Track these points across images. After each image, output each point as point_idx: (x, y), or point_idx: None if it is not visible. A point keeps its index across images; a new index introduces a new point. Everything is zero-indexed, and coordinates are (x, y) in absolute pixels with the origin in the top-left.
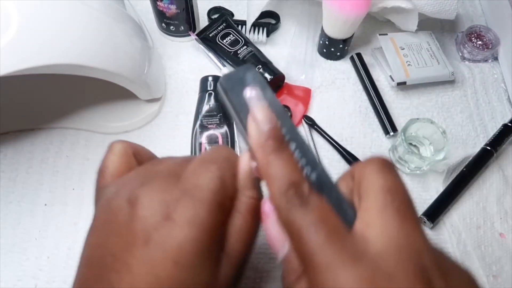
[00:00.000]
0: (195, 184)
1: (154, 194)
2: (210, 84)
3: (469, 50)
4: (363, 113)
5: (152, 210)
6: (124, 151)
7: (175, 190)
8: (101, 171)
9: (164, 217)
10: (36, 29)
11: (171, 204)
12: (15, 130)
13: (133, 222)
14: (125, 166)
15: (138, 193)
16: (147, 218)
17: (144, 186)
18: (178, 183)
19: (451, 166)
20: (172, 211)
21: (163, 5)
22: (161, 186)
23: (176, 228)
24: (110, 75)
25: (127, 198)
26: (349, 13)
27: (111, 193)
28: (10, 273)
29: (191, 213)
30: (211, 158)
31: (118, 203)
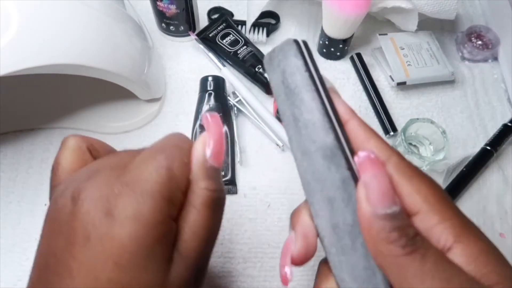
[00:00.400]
0: (137, 175)
1: (95, 189)
2: (210, 84)
3: (469, 50)
4: (363, 113)
5: (92, 206)
6: (78, 146)
7: (117, 184)
8: (53, 169)
9: (104, 213)
10: (36, 29)
11: (112, 199)
12: (15, 130)
13: (74, 219)
14: (78, 162)
15: (81, 188)
16: (86, 214)
17: (88, 180)
18: (121, 175)
19: (451, 166)
20: (112, 206)
21: (163, 5)
22: (104, 179)
23: (116, 225)
24: (110, 75)
25: (71, 195)
26: (349, 13)
27: (59, 190)
28: (10, 273)
29: (132, 208)
30: (159, 146)
31: (63, 200)
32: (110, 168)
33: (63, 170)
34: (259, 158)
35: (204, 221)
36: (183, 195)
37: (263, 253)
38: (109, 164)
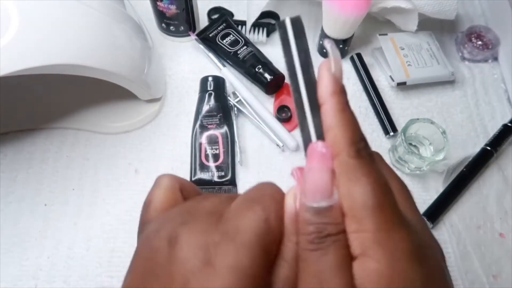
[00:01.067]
0: (237, 226)
1: (194, 235)
2: (210, 84)
3: (469, 50)
4: (363, 113)
5: (191, 253)
6: (171, 185)
7: (215, 232)
8: (145, 205)
9: (203, 262)
10: (36, 29)
11: (212, 248)
12: (15, 130)
13: (172, 264)
14: (170, 201)
15: (178, 232)
16: (186, 261)
17: (185, 225)
18: (219, 223)
19: (451, 166)
20: (212, 255)
21: (163, 5)
22: (202, 226)
23: (216, 275)
24: (110, 75)
25: (167, 237)
26: (349, 13)
27: (152, 229)
28: (10, 273)
29: (232, 259)
30: (255, 196)
31: (158, 242)
32: (205, 214)
33: (155, 208)
34: (259, 158)
35: (294, 275)
36: (277, 247)
37: None
38: (203, 209)
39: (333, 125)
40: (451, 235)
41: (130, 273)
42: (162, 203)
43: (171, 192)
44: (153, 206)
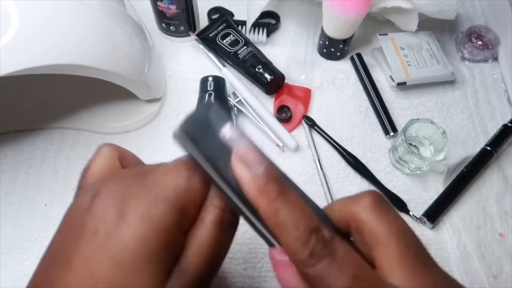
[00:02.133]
0: (156, 180)
1: (114, 188)
2: (210, 84)
3: (469, 50)
4: (363, 113)
5: (106, 203)
6: (109, 154)
7: (135, 185)
8: (83, 172)
9: (117, 210)
10: (36, 29)
11: (127, 198)
12: (15, 130)
13: (88, 214)
14: (107, 169)
15: (101, 187)
16: (100, 210)
17: (109, 181)
18: (142, 178)
19: (451, 166)
20: (126, 205)
21: (163, 5)
22: (125, 181)
23: (125, 223)
24: (110, 75)
25: (92, 194)
26: (349, 13)
27: (83, 191)
28: (10, 273)
29: (143, 209)
30: (184, 159)
31: (83, 198)
32: (133, 173)
33: (92, 174)
34: None
35: (211, 239)
36: (197, 210)
37: (263, 254)
38: (134, 171)
39: (276, 232)
40: (451, 235)
41: (55, 233)
42: (99, 169)
43: (109, 160)
44: (90, 172)
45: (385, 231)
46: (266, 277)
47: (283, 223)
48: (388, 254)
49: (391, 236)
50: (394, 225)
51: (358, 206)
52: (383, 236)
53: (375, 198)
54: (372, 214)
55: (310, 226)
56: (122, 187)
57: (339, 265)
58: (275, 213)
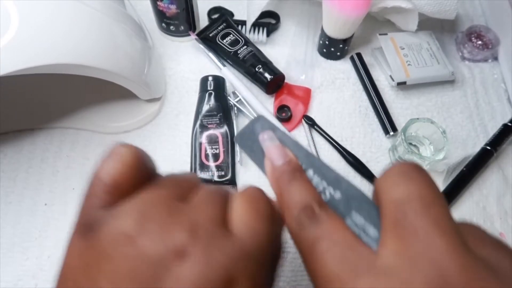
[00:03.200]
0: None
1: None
2: (210, 84)
3: (469, 50)
4: (363, 113)
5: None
6: (136, 161)
7: (239, 252)
8: (100, 182)
9: (223, 282)
10: (36, 29)
11: (235, 272)
12: (15, 130)
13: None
14: (133, 182)
15: (189, 251)
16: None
17: (198, 246)
18: (233, 237)
19: (451, 166)
20: (236, 278)
21: (163, 5)
22: (222, 247)
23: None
24: (110, 75)
25: (174, 249)
26: (349, 13)
27: (134, 225)
28: (11, 273)
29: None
30: (265, 209)
31: (157, 248)
32: (211, 226)
33: (114, 187)
34: None
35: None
36: None
37: None
38: (197, 216)
39: (281, 210)
40: None
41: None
42: (122, 183)
43: (135, 170)
44: (113, 185)
45: (389, 199)
46: None
47: (284, 203)
48: (384, 222)
49: (393, 204)
50: (404, 192)
51: (383, 175)
52: (385, 204)
53: (401, 167)
54: (388, 182)
55: (304, 203)
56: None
57: (317, 227)
58: (280, 197)
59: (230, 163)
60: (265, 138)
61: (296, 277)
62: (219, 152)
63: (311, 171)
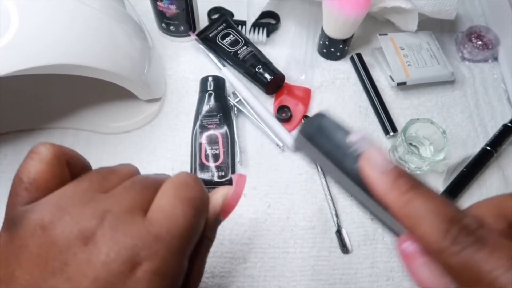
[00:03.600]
0: (155, 219)
1: (122, 244)
2: (210, 84)
3: (469, 50)
4: (363, 113)
5: (115, 256)
6: (57, 159)
7: (146, 235)
8: (21, 181)
9: (127, 264)
10: (36, 29)
11: (140, 253)
12: (15, 130)
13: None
14: (56, 179)
15: (96, 232)
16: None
17: (106, 231)
18: (145, 221)
19: (451, 166)
20: (140, 260)
21: (163, 5)
22: (129, 231)
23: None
24: (110, 75)
25: (81, 236)
26: (349, 13)
27: (53, 218)
28: None
29: (154, 264)
30: (187, 194)
31: (68, 235)
32: (125, 212)
33: (35, 185)
34: (259, 158)
35: (201, 268)
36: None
37: (263, 253)
38: (120, 203)
39: (408, 224)
40: None
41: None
42: (45, 180)
43: (58, 168)
44: (35, 183)
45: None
46: (266, 276)
47: (415, 214)
48: None
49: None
50: None
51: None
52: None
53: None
54: None
55: (449, 215)
56: (132, 240)
57: (491, 250)
58: (405, 206)
59: (230, 164)
60: (359, 139)
61: (296, 277)
62: (219, 152)
63: None
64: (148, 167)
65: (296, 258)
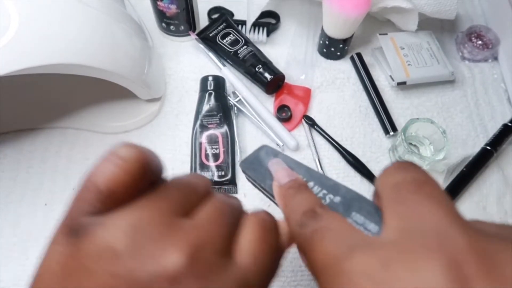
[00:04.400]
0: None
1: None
2: (210, 84)
3: (469, 50)
4: (363, 113)
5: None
6: (140, 167)
7: (238, 283)
8: (94, 187)
9: None
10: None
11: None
12: (15, 130)
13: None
14: (135, 191)
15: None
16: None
17: (195, 272)
18: (235, 265)
19: (451, 166)
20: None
21: (163, 5)
22: (223, 277)
23: None
24: (110, 75)
25: (166, 279)
26: (349, 13)
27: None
28: (10, 273)
29: None
30: (273, 240)
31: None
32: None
33: (114, 197)
34: None
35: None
36: None
37: None
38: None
39: (286, 221)
40: None
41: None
42: (121, 189)
43: (138, 175)
44: (107, 194)
45: (385, 184)
46: None
47: (288, 212)
48: (382, 204)
49: (389, 186)
50: (398, 177)
51: (381, 172)
52: (382, 189)
53: (396, 163)
54: (385, 174)
55: (306, 208)
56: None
57: (316, 222)
58: (285, 208)
59: (230, 163)
60: (273, 163)
61: (296, 277)
62: (219, 152)
63: (311, 183)
64: None
65: (296, 258)
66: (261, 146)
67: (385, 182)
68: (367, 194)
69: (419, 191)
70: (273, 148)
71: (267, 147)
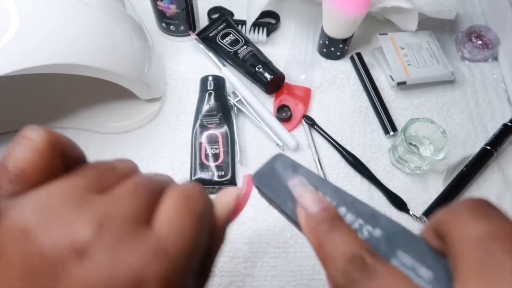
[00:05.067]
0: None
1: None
2: (210, 84)
3: (469, 50)
4: (363, 113)
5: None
6: (51, 148)
7: (153, 249)
8: (6, 170)
9: (131, 284)
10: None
11: (147, 272)
12: (15, 130)
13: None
14: (47, 171)
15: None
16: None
17: (105, 242)
18: (151, 233)
19: (451, 166)
20: (146, 279)
21: (163, 5)
22: (134, 244)
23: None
24: (110, 75)
25: (74, 248)
26: (349, 13)
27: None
28: None
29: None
30: (196, 207)
31: (61, 249)
32: (128, 223)
33: (26, 178)
34: (259, 158)
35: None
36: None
37: (263, 253)
38: (122, 211)
39: (321, 263)
40: None
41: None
42: (34, 171)
43: (50, 158)
44: (21, 173)
45: (468, 237)
46: (266, 276)
47: (325, 255)
48: (465, 265)
49: (474, 242)
50: (484, 229)
51: (451, 213)
52: (465, 243)
53: (471, 204)
54: (462, 220)
55: (351, 252)
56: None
57: (374, 281)
58: (319, 248)
59: (230, 163)
60: (296, 183)
61: (296, 277)
62: (219, 152)
63: (343, 209)
64: (148, 167)
65: (296, 258)
66: (276, 156)
67: (463, 232)
68: (371, 197)
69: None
70: (290, 158)
71: (283, 156)
